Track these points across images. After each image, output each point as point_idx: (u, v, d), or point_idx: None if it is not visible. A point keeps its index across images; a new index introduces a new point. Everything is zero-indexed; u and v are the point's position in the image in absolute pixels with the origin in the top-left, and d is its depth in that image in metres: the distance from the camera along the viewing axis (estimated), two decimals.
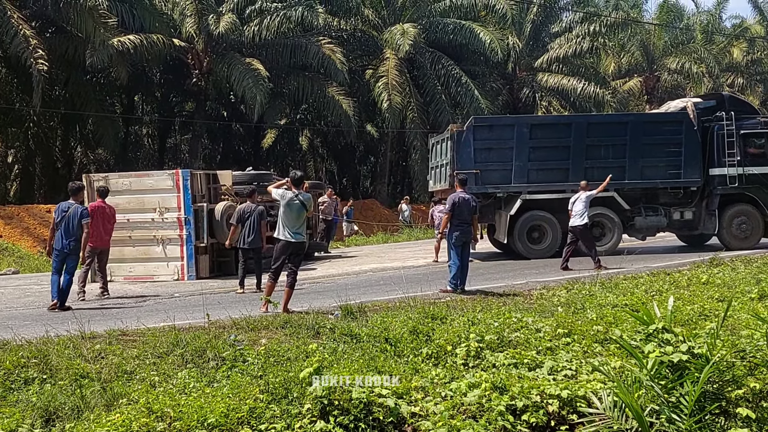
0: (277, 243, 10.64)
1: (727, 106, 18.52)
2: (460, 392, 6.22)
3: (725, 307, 6.47)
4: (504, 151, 17.91)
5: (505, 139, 17.96)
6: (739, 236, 18.07)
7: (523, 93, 41.41)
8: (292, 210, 10.49)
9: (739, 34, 50.99)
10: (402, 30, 33.13)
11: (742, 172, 18.03)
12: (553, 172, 17.94)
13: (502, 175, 17.90)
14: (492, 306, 10.58)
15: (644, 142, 18.03)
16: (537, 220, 17.95)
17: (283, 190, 10.67)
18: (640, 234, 18.57)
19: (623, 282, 12.63)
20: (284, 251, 10.56)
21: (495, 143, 17.97)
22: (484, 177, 17.83)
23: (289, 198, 10.49)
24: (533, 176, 17.90)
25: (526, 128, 18.09)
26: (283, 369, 6.82)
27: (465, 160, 17.67)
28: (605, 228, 18.04)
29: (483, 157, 17.81)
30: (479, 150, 17.79)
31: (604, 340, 7.84)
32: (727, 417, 5.50)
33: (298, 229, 10.60)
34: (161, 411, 5.97)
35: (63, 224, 11.73)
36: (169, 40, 29.56)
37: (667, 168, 18.10)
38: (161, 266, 16.01)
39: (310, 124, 42.37)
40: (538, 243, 18.04)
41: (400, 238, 27.89)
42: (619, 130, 18.29)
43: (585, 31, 38.49)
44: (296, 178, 10.84)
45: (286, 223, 10.51)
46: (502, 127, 18.41)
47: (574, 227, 15.39)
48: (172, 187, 15.80)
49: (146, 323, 9.52)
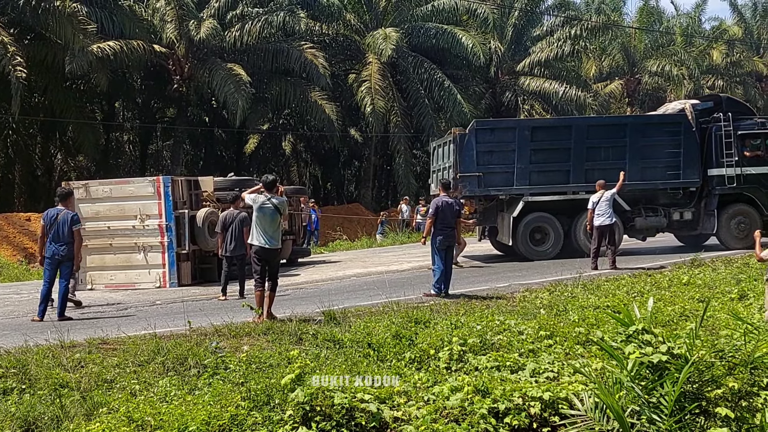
0: (251, 249, 10.55)
1: (724, 108, 18.77)
2: (443, 396, 6.21)
3: (704, 308, 6.51)
4: (506, 153, 18.02)
5: (507, 141, 18.08)
6: (738, 236, 18.22)
7: (506, 97, 41.55)
8: (265, 214, 10.35)
9: (718, 36, 51.42)
10: (384, 34, 33.17)
11: (740, 173, 18.27)
12: (554, 174, 18.04)
13: (505, 178, 18.00)
14: (475, 309, 10.62)
15: (643, 144, 18.21)
16: (539, 221, 18.00)
17: (255, 195, 10.55)
18: (640, 234, 18.75)
19: (605, 284, 12.71)
20: (260, 257, 10.43)
21: (497, 146, 18.08)
22: (487, 180, 17.93)
23: (262, 202, 10.37)
24: (535, 178, 18.00)
25: (527, 131, 18.24)
26: (264, 376, 6.78)
27: (467, 163, 17.78)
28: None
29: (485, 160, 17.91)
30: (481, 153, 17.89)
31: (586, 342, 7.86)
32: (707, 416, 5.52)
33: (273, 234, 10.44)
34: (142, 420, 5.92)
35: (53, 231, 11.58)
36: (150, 46, 29.42)
37: (667, 169, 18.28)
38: (143, 274, 15.92)
39: (293, 129, 42.34)
40: (540, 244, 18.08)
41: (384, 242, 27.88)
42: (619, 132, 18.46)
43: (566, 34, 38.65)
44: (268, 181, 10.67)
45: (260, 228, 10.38)
46: (504, 130, 18.58)
47: (601, 226, 15.29)
48: (153, 193, 15.71)
49: (127, 331, 9.47)
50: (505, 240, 18.49)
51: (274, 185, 10.68)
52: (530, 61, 39.51)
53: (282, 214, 10.66)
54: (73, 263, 11.80)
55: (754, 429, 5.59)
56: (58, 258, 11.59)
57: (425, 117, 35.34)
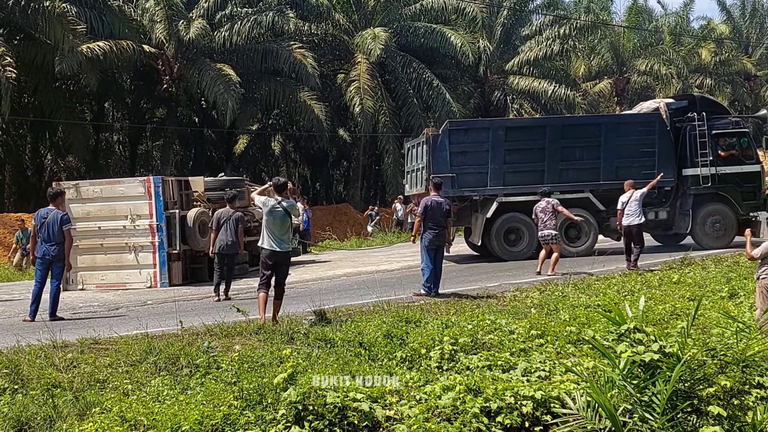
0: (262, 253, 10.26)
1: (698, 107, 18.75)
2: (435, 395, 6.23)
3: (695, 306, 6.54)
4: (480, 154, 17.94)
5: (481, 142, 18.00)
6: (712, 235, 18.22)
7: (495, 96, 41.60)
8: (276, 218, 10.12)
9: (706, 35, 51.62)
10: (373, 34, 33.17)
11: (715, 172, 18.24)
12: (528, 175, 17.93)
13: (478, 179, 17.93)
14: (466, 308, 10.64)
15: (618, 143, 18.15)
16: (513, 222, 17.97)
17: (265, 198, 10.33)
18: (615, 234, 18.66)
19: (596, 283, 12.74)
20: (269, 261, 10.18)
21: (470, 146, 17.98)
22: (461, 180, 17.83)
23: (272, 205, 10.13)
24: (509, 179, 17.93)
25: (501, 131, 18.14)
26: (257, 375, 6.79)
27: (441, 164, 17.66)
28: (581, 229, 18.13)
29: (459, 161, 17.81)
30: (455, 153, 17.80)
31: (577, 341, 7.89)
32: (699, 415, 5.56)
33: (283, 237, 10.22)
34: (134, 419, 5.92)
35: (43, 231, 11.53)
36: (139, 47, 29.33)
37: (641, 168, 18.08)
38: (133, 274, 15.88)
39: (283, 129, 42.29)
40: (514, 245, 18.07)
41: (374, 242, 27.90)
42: (593, 132, 18.40)
43: (555, 33, 38.76)
44: (279, 184, 10.44)
45: (269, 231, 10.12)
46: (478, 131, 18.46)
47: (630, 226, 15.04)
48: (143, 194, 15.68)
49: (119, 331, 9.45)
50: (475, 240, 18.55)
51: (284, 188, 10.51)
52: (519, 60, 39.62)
53: (292, 218, 10.52)
54: (64, 263, 11.75)
55: (746, 427, 5.63)
56: (49, 258, 11.54)
57: (414, 117, 35.35)
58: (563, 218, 16.38)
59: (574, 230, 18.11)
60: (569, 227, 17.88)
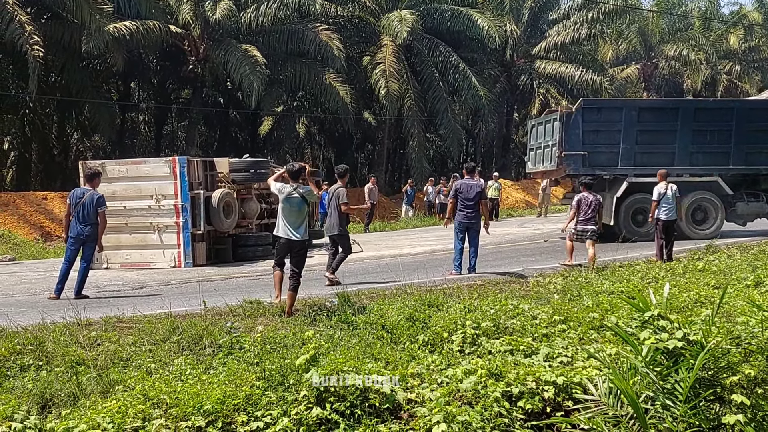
0: (278, 241, 9.98)
1: None
2: (456, 379, 6.23)
3: (721, 294, 6.48)
4: (612, 133, 18.12)
5: (614, 121, 18.17)
6: None
7: (521, 80, 41.40)
8: (292, 205, 9.77)
9: (737, 21, 50.90)
10: (399, 16, 33.00)
11: None
12: (658, 156, 17.96)
13: (609, 158, 18.12)
14: (488, 293, 10.61)
15: (749, 128, 18.20)
16: (643, 203, 17.73)
17: (281, 184, 9.95)
18: (741, 220, 18.82)
19: (619, 269, 12.66)
20: (285, 250, 9.92)
21: (603, 125, 18.18)
22: (592, 158, 18.07)
23: (288, 192, 9.78)
24: (639, 159, 18.04)
25: (634, 111, 18.31)
26: (279, 356, 6.82)
27: (573, 141, 17.94)
28: (708, 212, 18.29)
29: (591, 139, 18.04)
30: (587, 132, 18.02)
31: (600, 327, 7.85)
32: (722, 403, 5.52)
33: (300, 225, 9.81)
34: (157, 398, 5.97)
35: (78, 210, 11.61)
36: (166, 27, 29.41)
37: None
38: (158, 253, 15.96)
39: (307, 111, 42.30)
40: (641, 226, 17.91)
41: (398, 226, 27.90)
42: (725, 116, 18.45)
43: (583, 18, 38.43)
44: (293, 170, 10.03)
45: (285, 219, 9.79)
46: (611, 110, 18.69)
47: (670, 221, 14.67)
48: (168, 174, 15.73)
49: (142, 310, 9.52)
50: (606, 220, 18.34)
51: (299, 174, 10.08)
52: (546, 45, 39.35)
53: (309, 204, 10.14)
54: (96, 244, 11.84)
55: None
56: (82, 238, 11.62)
57: (439, 100, 35.24)
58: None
59: (700, 213, 18.29)
60: (696, 210, 18.13)
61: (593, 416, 5.44)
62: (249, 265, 14.07)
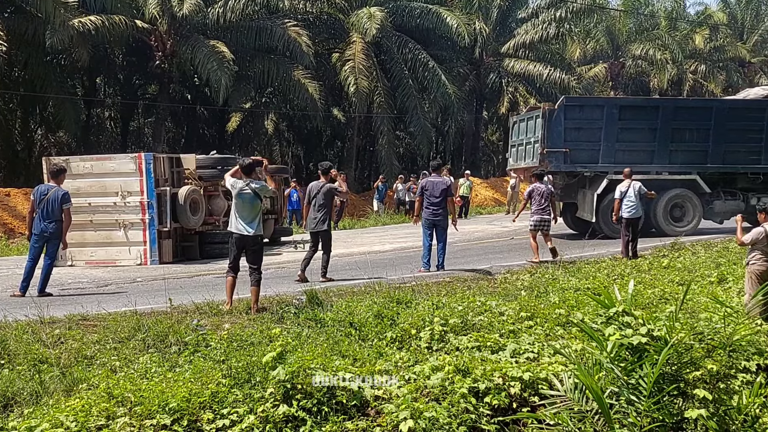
0: (231, 237, 9.92)
1: None
2: (424, 375, 6.24)
3: (684, 291, 6.56)
4: (593, 131, 18.25)
5: (595, 119, 18.30)
6: None
7: (490, 78, 41.55)
8: (244, 200, 9.75)
9: (703, 21, 51.53)
10: (369, 13, 32.95)
11: None
12: (639, 154, 18.18)
13: (590, 155, 18.24)
14: (456, 290, 10.65)
15: (727, 128, 18.42)
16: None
17: (234, 180, 9.93)
18: (718, 217, 19.06)
19: (585, 266, 12.78)
20: (238, 247, 9.84)
21: (585, 123, 18.30)
22: (573, 156, 18.17)
23: (240, 188, 9.77)
24: (620, 157, 18.10)
25: (615, 109, 18.44)
26: (246, 354, 6.78)
27: (555, 138, 18.03)
28: (686, 210, 18.51)
29: (572, 136, 18.15)
30: (569, 129, 18.13)
31: (566, 323, 7.92)
32: (685, 398, 5.59)
33: (253, 220, 9.78)
34: (122, 396, 5.90)
35: (42, 207, 11.45)
36: (132, 22, 29.04)
37: (748, 154, 18.58)
38: (123, 251, 15.81)
39: (276, 108, 42.09)
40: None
41: (367, 223, 27.88)
42: (704, 115, 18.65)
43: (551, 16, 38.64)
44: (245, 165, 10.01)
45: (238, 214, 9.76)
46: (592, 108, 18.81)
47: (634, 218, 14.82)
48: (134, 170, 15.58)
49: (107, 308, 9.42)
50: (587, 217, 18.61)
51: (252, 169, 10.07)
52: (515, 43, 39.52)
53: (263, 200, 10.14)
54: (60, 241, 11.69)
55: (732, 411, 5.66)
56: (46, 235, 11.46)
57: (409, 98, 35.26)
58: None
59: (678, 210, 18.50)
60: (674, 207, 18.37)
61: (559, 411, 5.48)
62: (216, 263, 13.99)
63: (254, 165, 10.38)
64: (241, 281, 10.00)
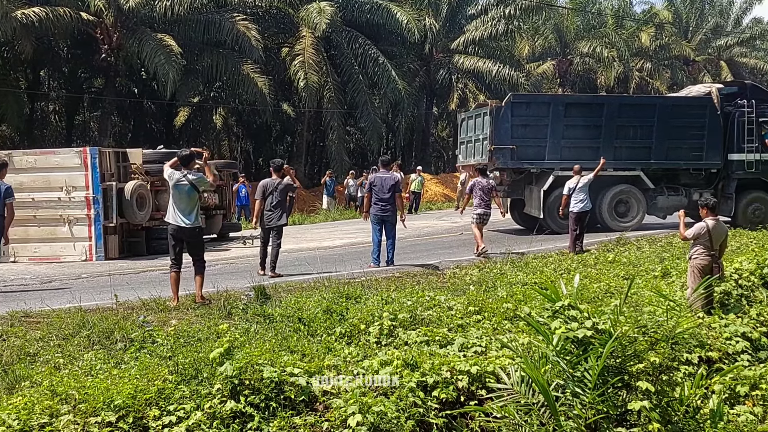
0: (168, 228, 9.87)
1: (748, 94, 19.34)
2: (372, 370, 6.24)
3: (629, 285, 6.67)
4: (539, 127, 18.39)
5: (541, 116, 18.45)
6: (753, 220, 18.68)
7: (440, 75, 41.76)
8: (181, 192, 9.72)
9: (648, 20, 52.37)
10: (318, 8, 32.84)
11: (759, 158, 18.89)
12: (584, 150, 18.24)
13: (537, 152, 18.35)
14: (406, 285, 10.68)
15: (670, 124, 18.72)
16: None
17: (171, 171, 9.89)
18: (661, 213, 19.30)
19: (533, 261, 12.93)
20: (177, 239, 9.80)
21: (531, 120, 18.45)
22: (520, 152, 18.25)
23: (177, 179, 9.74)
24: (566, 153, 18.25)
25: (561, 106, 18.70)
26: (193, 350, 6.71)
27: (502, 135, 18.09)
28: (630, 206, 18.75)
29: (519, 133, 18.22)
30: (516, 126, 18.21)
31: (514, 317, 8.00)
32: (629, 390, 5.68)
33: (191, 212, 9.74)
34: (66, 393, 5.79)
35: None
36: (77, 14, 28.51)
37: (690, 150, 18.94)
38: (68, 247, 15.55)
39: (225, 102, 41.69)
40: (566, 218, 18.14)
41: (317, 218, 27.79)
42: (648, 112, 18.97)
43: (500, 13, 38.93)
44: (183, 156, 10.03)
45: (175, 205, 9.72)
46: (539, 105, 19.11)
47: (581, 212, 15.02)
48: (79, 165, 15.33)
49: (51, 305, 9.26)
50: (534, 213, 18.74)
51: (190, 160, 10.01)
52: (465, 40, 39.72)
53: (200, 192, 10.07)
54: (2, 236, 11.42)
55: (674, 402, 5.78)
56: None
57: (359, 93, 35.23)
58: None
59: (623, 206, 18.73)
60: (618, 203, 18.61)
61: (506, 404, 5.53)
62: (163, 259, 13.77)
63: (193, 156, 10.32)
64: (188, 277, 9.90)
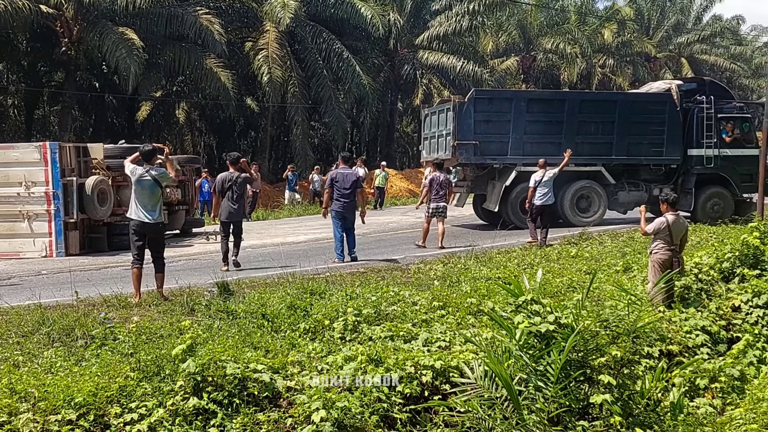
0: (130, 224, 9.76)
1: (707, 90, 19.58)
2: (337, 366, 6.24)
3: (591, 279, 6.74)
4: (502, 123, 18.46)
5: (504, 111, 18.52)
6: (712, 215, 18.87)
7: (405, 70, 41.76)
8: (143, 187, 9.65)
9: (611, 17, 52.86)
10: (282, 2, 32.59)
11: (718, 154, 19.11)
12: (546, 146, 18.30)
13: (499, 147, 18.45)
14: (370, 280, 10.68)
15: (631, 120, 18.91)
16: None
17: (134, 166, 9.82)
18: (622, 208, 19.53)
19: (497, 256, 12.99)
20: (139, 234, 9.70)
21: (494, 115, 18.53)
22: (483, 148, 18.35)
23: (140, 174, 9.67)
24: (528, 149, 18.37)
25: (523, 102, 18.82)
26: (155, 346, 6.65)
27: (465, 131, 18.18)
28: (592, 201, 18.88)
29: (482, 129, 18.33)
30: (479, 122, 18.31)
31: (477, 312, 8.04)
32: (591, 383, 5.74)
33: (154, 208, 9.70)
34: (25, 391, 5.71)
35: None
36: (36, 6, 27.97)
37: (650, 146, 19.12)
38: (27, 243, 15.33)
39: (188, 97, 41.30)
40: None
41: (281, 214, 27.68)
42: (609, 108, 19.18)
43: (464, 9, 38.95)
44: (145, 151, 9.99)
45: (138, 201, 9.63)
46: (501, 100, 19.13)
47: (544, 206, 15.14)
48: (39, 160, 15.10)
49: (10, 302, 9.12)
50: (492, 207, 18.83)
51: (152, 156, 9.98)
52: (429, 35, 39.71)
53: (162, 187, 10.05)
54: None
55: (635, 395, 5.86)
56: None
57: (324, 88, 35.11)
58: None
59: (584, 201, 18.87)
60: (580, 198, 18.74)
61: (469, 399, 5.56)
62: (125, 254, 13.58)
63: (155, 151, 10.28)
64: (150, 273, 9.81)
